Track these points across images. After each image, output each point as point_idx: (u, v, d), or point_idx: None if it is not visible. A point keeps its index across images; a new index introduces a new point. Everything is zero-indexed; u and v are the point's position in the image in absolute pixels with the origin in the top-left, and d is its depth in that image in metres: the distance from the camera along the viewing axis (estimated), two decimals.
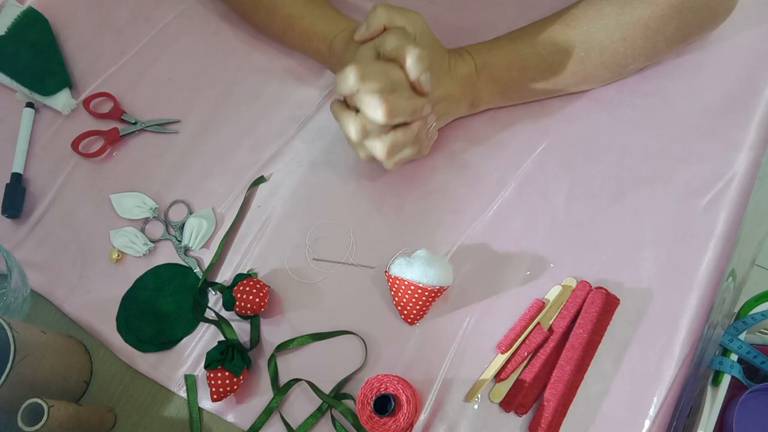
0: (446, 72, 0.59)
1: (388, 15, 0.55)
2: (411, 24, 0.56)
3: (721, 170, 0.61)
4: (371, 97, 0.51)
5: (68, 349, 0.59)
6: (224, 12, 0.77)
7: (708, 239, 0.58)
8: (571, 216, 0.61)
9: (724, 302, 0.59)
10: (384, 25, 0.56)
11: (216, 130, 0.70)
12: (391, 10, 0.55)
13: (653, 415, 0.53)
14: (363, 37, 0.57)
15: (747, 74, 0.64)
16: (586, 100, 0.65)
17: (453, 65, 0.59)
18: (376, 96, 0.51)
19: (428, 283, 0.55)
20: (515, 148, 0.65)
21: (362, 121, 0.53)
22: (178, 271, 0.63)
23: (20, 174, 0.69)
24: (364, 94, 0.51)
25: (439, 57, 0.58)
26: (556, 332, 0.56)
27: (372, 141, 0.54)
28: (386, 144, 0.54)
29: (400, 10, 0.56)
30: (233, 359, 0.55)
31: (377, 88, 0.51)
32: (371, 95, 0.51)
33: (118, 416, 0.59)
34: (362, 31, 0.57)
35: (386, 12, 0.55)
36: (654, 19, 0.58)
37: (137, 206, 0.66)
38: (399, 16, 0.56)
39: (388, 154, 0.55)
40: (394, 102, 0.51)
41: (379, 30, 0.56)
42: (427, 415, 0.55)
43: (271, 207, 0.65)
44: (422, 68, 0.53)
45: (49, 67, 0.74)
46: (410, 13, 0.57)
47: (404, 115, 0.53)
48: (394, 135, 0.54)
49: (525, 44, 0.60)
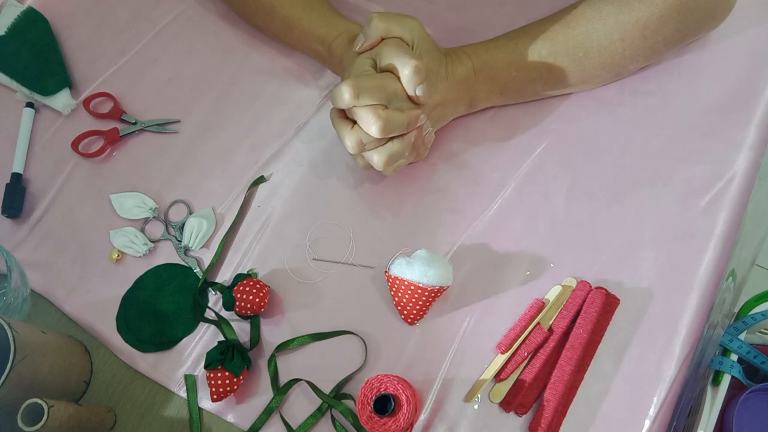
0: (443, 77, 0.59)
1: (386, 25, 0.56)
2: (408, 32, 0.56)
3: (721, 170, 0.61)
4: (366, 113, 0.52)
5: (68, 349, 0.59)
6: (224, 12, 0.77)
7: (708, 239, 0.58)
8: (571, 216, 0.61)
9: (724, 302, 0.59)
10: (381, 36, 0.56)
11: (216, 130, 0.70)
12: (388, 19, 0.56)
13: (653, 415, 0.53)
14: (362, 48, 0.57)
15: (747, 74, 0.64)
16: (586, 100, 0.65)
17: (450, 69, 0.59)
18: (370, 112, 0.52)
19: (428, 283, 0.55)
20: (515, 148, 0.65)
21: (359, 135, 0.54)
22: (178, 271, 0.63)
23: (20, 174, 0.69)
24: (359, 110, 0.52)
25: (436, 63, 0.58)
26: (556, 332, 0.56)
27: (369, 153, 0.55)
28: (383, 156, 0.55)
29: (396, 18, 0.56)
30: (233, 359, 0.55)
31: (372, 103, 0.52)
32: (366, 111, 0.52)
33: (118, 416, 0.59)
34: (361, 43, 0.57)
35: (383, 22, 0.56)
36: (653, 20, 0.58)
37: (137, 206, 0.66)
38: (396, 25, 0.56)
39: (385, 165, 0.56)
40: (387, 118, 0.52)
41: (377, 40, 0.56)
42: (427, 415, 0.55)
43: (271, 207, 0.65)
44: (418, 81, 0.53)
45: (49, 67, 0.74)
46: (407, 20, 0.57)
47: (399, 129, 0.54)
48: (391, 146, 0.55)
49: (524, 44, 0.60)
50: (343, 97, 0.52)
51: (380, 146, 0.55)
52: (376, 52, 0.56)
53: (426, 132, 0.58)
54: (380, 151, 0.55)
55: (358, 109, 0.53)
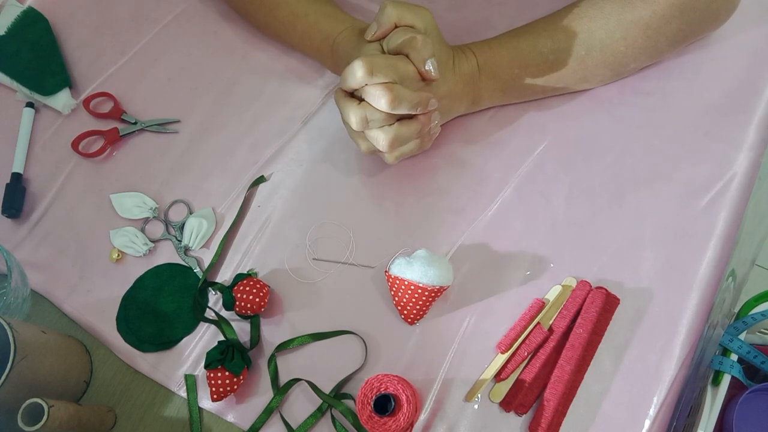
0: (450, 69, 0.59)
1: (398, 13, 0.55)
2: (421, 20, 0.56)
3: (721, 170, 0.60)
4: (375, 87, 0.51)
5: (68, 349, 0.59)
6: (224, 12, 0.77)
7: (708, 239, 0.58)
8: (571, 216, 0.61)
9: (724, 302, 0.59)
10: (395, 23, 0.56)
11: (216, 130, 0.70)
12: (401, 7, 0.56)
13: (653, 415, 0.53)
14: (375, 36, 0.57)
15: (747, 74, 0.64)
16: (586, 100, 0.65)
17: (457, 63, 0.60)
18: (380, 86, 0.51)
19: (428, 283, 0.55)
20: (515, 148, 0.65)
21: (365, 111, 0.53)
22: (178, 271, 0.63)
23: (20, 174, 0.69)
24: (370, 86, 0.52)
25: (444, 54, 0.58)
26: (556, 332, 0.56)
27: (375, 132, 0.54)
28: (389, 135, 0.54)
29: (409, 6, 0.56)
30: (233, 359, 0.55)
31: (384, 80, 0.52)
32: (376, 86, 0.51)
33: (118, 416, 0.59)
34: (374, 31, 0.57)
35: (396, 10, 0.55)
36: (655, 19, 0.58)
37: (137, 206, 0.66)
38: (409, 13, 0.56)
39: (390, 146, 0.55)
40: (397, 91, 0.51)
41: (390, 28, 0.56)
42: (427, 415, 0.55)
43: (271, 207, 0.65)
44: (429, 53, 0.53)
45: (49, 67, 0.74)
46: (420, 10, 0.57)
47: (408, 106, 0.53)
48: (398, 127, 0.54)
49: (527, 42, 0.60)
50: (356, 75, 0.51)
51: (387, 126, 0.54)
52: (387, 39, 0.56)
53: (434, 123, 0.58)
54: (386, 131, 0.54)
55: (369, 86, 0.52)
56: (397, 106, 0.52)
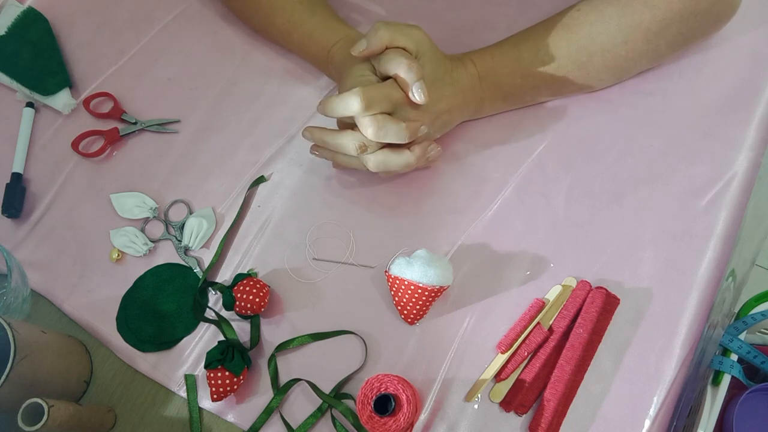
0: (449, 84, 0.59)
1: (391, 35, 0.55)
2: (413, 42, 0.56)
3: (721, 170, 0.61)
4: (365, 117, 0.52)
5: (68, 349, 0.59)
6: (224, 12, 0.77)
7: (708, 239, 0.58)
8: (571, 216, 0.61)
9: (724, 302, 0.59)
10: (386, 45, 0.55)
11: (216, 130, 0.70)
12: (393, 29, 0.55)
13: (653, 415, 0.53)
14: (362, 54, 0.56)
15: (747, 74, 0.64)
16: (586, 100, 0.65)
17: (456, 76, 0.59)
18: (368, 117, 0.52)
19: (428, 283, 0.55)
20: (515, 148, 0.65)
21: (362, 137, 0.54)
22: (178, 271, 0.63)
23: (20, 174, 0.69)
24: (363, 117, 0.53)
25: (441, 71, 0.58)
26: (556, 332, 0.56)
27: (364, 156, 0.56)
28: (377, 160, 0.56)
29: (401, 29, 0.56)
30: (233, 359, 0.55)
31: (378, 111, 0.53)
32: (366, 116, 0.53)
33: (118, 416, 0.59)
34: (362, 48, 0.56)
35: (388, 32, 0.55)
36: (655, 23, 0.58)
37: (137, 206, 0.66)
38: (401, 35, 0.55)
39: (376, 170, 0.57)
40: (383, 122, 0.52)
41: (380, 48, 0.55)
42: (427, 415, 0.55)
43: (271, 207, 0.65)
44: (416, 78, 0.53)
45: (49, 67, 0.74)
46: (412, 31, 0.56)
47: (394, 137, 0.54)
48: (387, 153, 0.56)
49: (528, 51, 0.60)
50: (352, 108, 0.52)
51: (378, 150, 0.55)
52: (377, 61, 0.56)
53: (433, 151, 0.58)
54: (376, 155, 0.55)
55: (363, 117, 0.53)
56: (383, 137, 0.53)
